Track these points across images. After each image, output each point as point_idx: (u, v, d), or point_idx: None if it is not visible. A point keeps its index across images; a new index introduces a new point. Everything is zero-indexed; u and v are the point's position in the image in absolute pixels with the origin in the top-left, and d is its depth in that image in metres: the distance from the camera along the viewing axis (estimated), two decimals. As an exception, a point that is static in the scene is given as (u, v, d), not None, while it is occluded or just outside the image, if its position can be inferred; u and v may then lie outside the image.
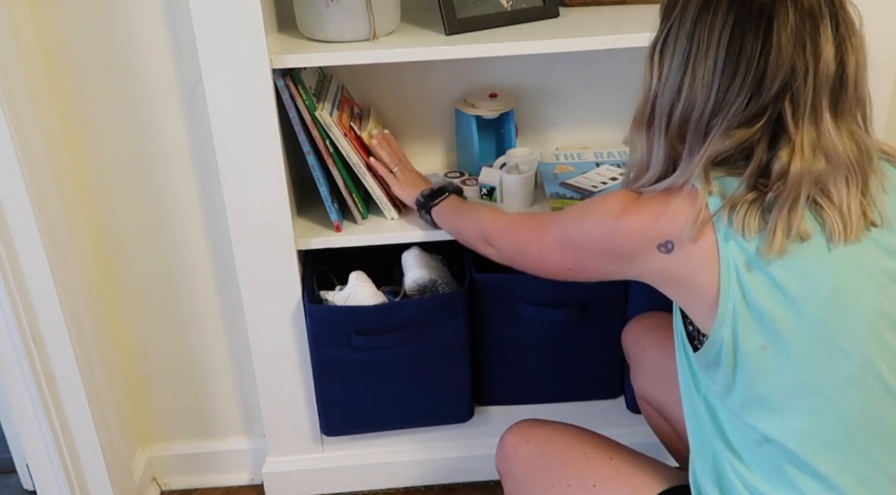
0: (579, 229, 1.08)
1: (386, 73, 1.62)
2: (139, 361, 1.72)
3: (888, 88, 1.42)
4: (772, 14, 0.90)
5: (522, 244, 1.20)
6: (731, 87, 0.92)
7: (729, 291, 0.93)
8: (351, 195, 1.49)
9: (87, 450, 1.58)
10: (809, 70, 0.90)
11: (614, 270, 1.06)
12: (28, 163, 1.34)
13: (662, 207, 0.97)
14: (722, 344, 0.95)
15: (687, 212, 0.94)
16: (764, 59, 0.90)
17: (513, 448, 1.25)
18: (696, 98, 0.94)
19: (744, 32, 0.91)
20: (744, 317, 0.93)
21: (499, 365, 1.64)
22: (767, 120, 0.92)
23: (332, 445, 1.73)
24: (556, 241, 1.11)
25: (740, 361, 0.95)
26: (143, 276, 1.63)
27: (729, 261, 0.92)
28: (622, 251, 1.02)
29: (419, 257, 1.57)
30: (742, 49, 0.91)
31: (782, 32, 0.90)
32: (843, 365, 0.93)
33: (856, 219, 0.93)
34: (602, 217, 1.04)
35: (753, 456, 0.98)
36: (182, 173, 1.54)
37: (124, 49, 1.43)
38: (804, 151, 0.91)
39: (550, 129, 1.72)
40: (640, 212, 0.99)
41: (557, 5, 1.50)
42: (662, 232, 0.96)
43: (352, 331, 1.51)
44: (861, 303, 0.93)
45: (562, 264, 1.12)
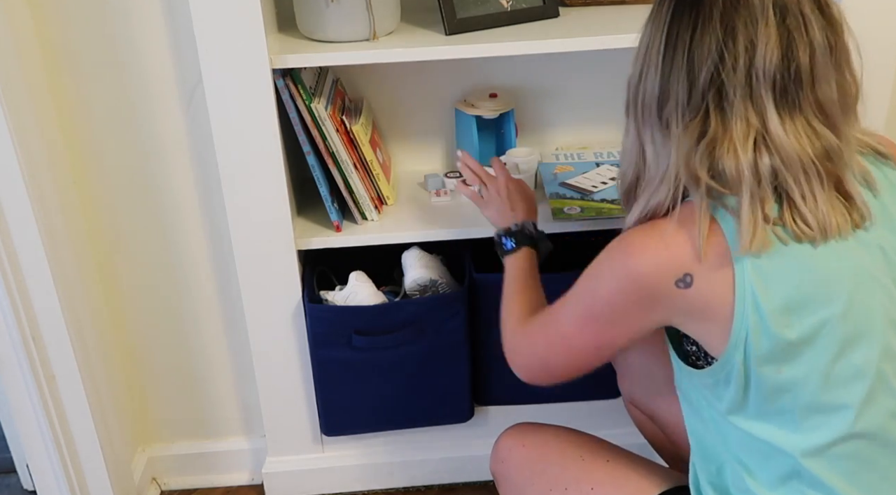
0: (593, 297, 1.00)
1: (386, 72, 1.62)
2: (139, 361, 1.72)
3: (888, 88, 1.42)
4: (701, 5, 0.90)
5: (542, 351, 1.10)
6: (671, 74, 0.92)
7: (744, 315, 0.89)
8: (351, 195, 1.49)
9: (87, 450, 1.58)
10: (741, 61, 0.88)
11: (646, 323, 0.98)
12: (28, 163, 1.34)
13: (664, 234, 0.93)
14: (734, 366, 0.92)
15: (690, 232, 0.91)
16: (692, 46, 0.90)
17: (508, 451, 1.25)
18: (648, 82, 0.95)
19: (679, 21, 0.92)
20: (756, 343, 0.90)
21: (499, 365, 1.62)
22: (705, 110, 0.91)
23: (332, 445, 1.73)
24: (579, 327, 1.02)
25: (753, 382, 0.92)
26: (143, 276, 1.63)
27: (745, 284, 0.89)
28: (643, 298, 0.94)
29: (419, 257, 1.57)
30: (678, 36, 0.92)
31: (708, 23, 0.89)
32: (858, 382, 0.92)
33: (828, 214, 0.90)
34: (610, 269, 0.97)
35: (761, 467, 0.97)
36: (182, 173, 1.54)
37: (124, 49, 1.43)
38: (736, 145, 0.89)
39: (550, 129, 1.72)
40: (644, 250, 0.93)
41: (557, 5, 1.50)
42: (675, 264, 0.91)
43: (352, 330, 1.51)
44: (873, 316, 0.91)
45: (592, 348, 1.03)
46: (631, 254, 0.94)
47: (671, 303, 0.93)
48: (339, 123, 1.45)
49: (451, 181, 1.60)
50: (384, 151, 1.66)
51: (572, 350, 1.05)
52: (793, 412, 0.93)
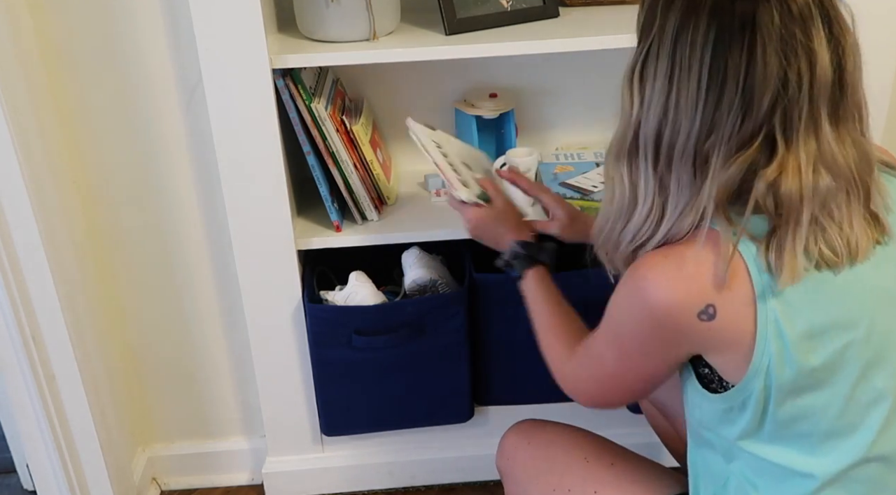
0: (619, 332, 0.96)
1: (386, 72, 1.62)
2: (139, 361, 1.72)
3: (888, 88, 1.42)
4: (755, 23, 0.82)
5: (596, 389, 1.06)
6: (719, 105, 0.84)
7: (766, 344, 0.86)
8: (351, 195, 1.49)
9: (87, 450, 1.58)
10: (804, 78, 0.82)
11: (680, 354, 0.94)
12: (28, 163, 1.34)
13: (681, 261, 0.87)
14: (752, 393, 0.89)
15: (712, 260, 0.85)
16: (751, 72, 0.82)
17: (514, 449, 1.24)
18: (681, 121, 0.86)
19: (727, 46, 0.83)
20: (779, 370, 0.87)
21: (499, 365, 1.64)
22: (764, 137, 0.84)
23: (332, 445, 1.73)
24: (619, 364, 0.98)
25: (771, 408, 0.90)
26: (143, 276, 1.63)
27: (767, 311, 0.86)
28: (668, 331, 0.90)
29: (419, 257, 1.57)
30: (727, 64, 0.83)
31: (768, 42, 0.82)
32: (878, 405, 0.91)
33: (860, 237, 0.87)
34: (629, 305, 0.92)
35: (771, 489, 0.96)
36: (182, 173, 1.54)
37: (124, 49, 1.43)
38: (801, 168, 0.83)
39: (550, 129, 1.72)
40: (659, 275, 0.88)
41: (557, 5, 1.50)
42: (698, 296, 0.86)
43: (352, 331, 1.51)
44: (893, 338, 0.90)
45: (638, 381, 1.00)
46: (647, 289, 0.88)
47: (696, 336, 0.89)
48: (339, 123, 1.45)
49: (451, 181, 1.60)
50: (384, 151, 1.66)
51: (624, 386, 1.02)
52: (811, 436, 0.92)
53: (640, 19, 0.91)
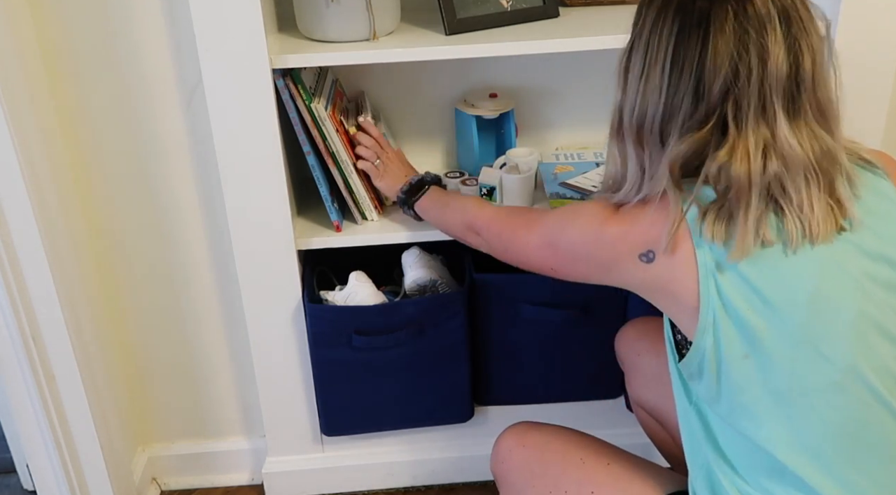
0: (562, 234, 1.09)
1: (386, 72, 1.62)
2: (139, 361, 1.72)
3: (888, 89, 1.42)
4: (709, 19, 0.92)
5: (507, 238, 1.20)
6: (677, 92, 0.94)
7: (709, 300, 0.93)
8: (351, 195, 1.49)
9: (87, 450, 1.58)
10: (754, 72, 0.91)
11: (596, 277, 1.07)
12: (28, 163, 1.34)
13: (640, 216, 0.98)
14: (704, 353, 0.95)
15: (663, 219, 0.95)
16: (702, 63, 0.92)
17: (508, 452, 1.25)
18: (649, 103, 0.96)
19: (687, 38, 0.93)
20: (724, 325, 0.93)
21: (499, 365, 1.64)
22: (715, 123, 0.93)
23: (332, 445, 1.73)
24: (540, 243, 1.12)
25: (723, 370, 0.95)
26: (143, 276, 1.63)
27: (707, 270, 0.93)
28: (603, 260, 1.03)
29: (419, 257, 1.57)
30: (685, 55, 0.93)
31: (719, 37, 0.91)
32: (826, 371, 0.92)
33: (821, 220, 0.92)
34: (585, 226, 1.04)
35: (744, 463, 0.98)
36: (182, 173, 1.54)
37: (124, 49, 1.43)
38: (749, 154, 0.92)
39: (550, 129, 1.72)
40: (622, 222, 1.00)
41: (557, 5, 1.50)
42: (642, 241, 0.97)
43: (352, 331, 1.51)
44: (843, 307, 0.92)
45: (544, 264, 1.13)
46: (609, 223, 1.01)
47: (631, 273, 1.00)
48: (338, 123, 1.45)
49: (451, 181, 1.60)
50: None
51: (529, 256, 1.16)
52: (763, 402, 0.94)
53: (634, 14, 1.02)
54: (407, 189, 1.43)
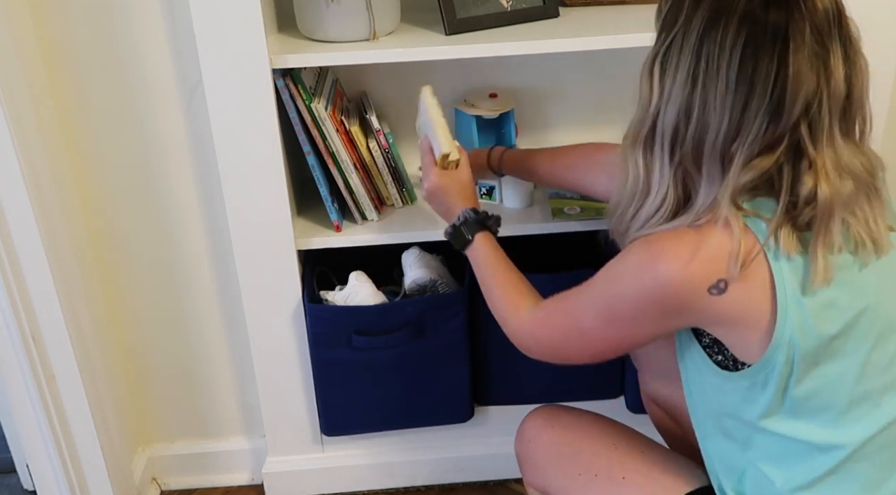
0: (617, 299, 0.97)
1: (386, 72, 1.62)
2: (139, 361, 1.72)
3: (888, 89, 1.42)
4: (787, 35, 0.86)
5: (559, 341, 1.09)
6: (746, 109, 0.88)
7: (787, 317, 0.89)
8: (351, 195, 1.49)
9: (87, 450, 1.58)
10: (824, 92, 0.87)
11: (671, 326, 0.99)
12: (28, 163, 1.34)
13: (699, 243, 0.90)
14: (775, 366, 0.92)
15: (728, 243, 0.89)
16: (782, 81, 0.86)
17: (536, 431, 1.23)
18: (710, 119, 0.89)
19: (757, 52, 0.87)
20: (802, 341, 0.90)
21: (499, 365, 1.64)
22: (788, 144, 0.89)
23: (332, 445, 1.73)
24: (600, 324, 1.01)
25: (792, 384, 0.93)
26: (143, 276, 1.63)
27: (785, 286, 0.89)
28: (671, 305, 0.93)
29: (419, 257, 1.57)
30: (756, 69, 0.87)
31: (800, 54, 0.86)
32: (892, 370, 0.94)
33: (883, 234, 0.93)
34: (636, 274, 0.94)
35: (791, 469, 0.97)
36: (182, 173, 1.54)
37: (124, 49, 1.43)
38: (829, 174, 0.88)
39: (550, 129, 1.72)
40: (676, 257, 0.90)
41: (557, 5, 1.50)
42: (708, 272, 0.89)
43: (352, 331, 1.51)
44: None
45: (611, 344, 1.03)
46: (661, 261, 0.91)
47: (702, 310, 0.92)
48: (338, 123, 1.45)
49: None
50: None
51: (590, 344, 1.04)
52: (832, 408, 0.94)
53: (662, 10, 0.94)
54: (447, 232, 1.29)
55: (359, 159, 1.49)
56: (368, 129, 1.50)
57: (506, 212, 1.54)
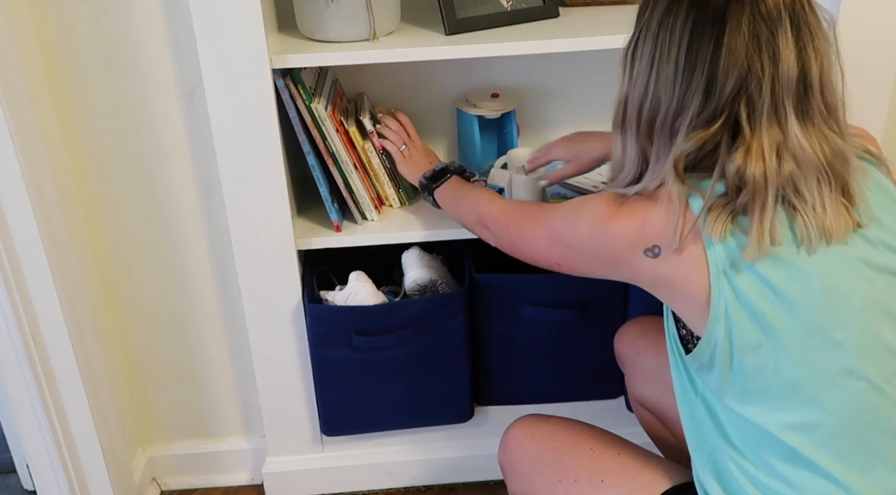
0: (569, 229, 1.08)
1: (386, 72, 1.62)
2: (139, 361, 1.72)
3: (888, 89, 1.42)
4: (725, 18, 0.92)
5: (515, 233, 1.20)
6: (689, 88, 0.94)
7: (720, 292, 0.93)
8: (351, 195, 1.49)
9: (87, 450, 1.58)
10: (766, 73, 0.92)
11: (602, 272, 1.07)
12: (28, 163, 1.34)
13: (649, 210, 0.98)
14: (716, 344, 0.95)
15: (671, 215, 0.95)
16: (715, 61, 0.92)
17: (518, 442, 1.25)
18: (661, 98, 0.97)
19: (700, 35, 0.93)
20: (736, 316, 0.93)
21: (499, 365, 1.64)
22: (724, 121, 0.94)
23: (332, 445, 1.73)
24: (546, 237, 1.12)
25: (736, 360, 0.95)
26: (143, 276, 1.63)
27: (717, 263, 0.93)
28: (609, 255, 1.02)
29: (419, 257, 1.57)
30: (698, 51, 0.93)
31: (735, 36, 0.92)
32: (839, 357, 0.93)
33: (834, 220, 0.93)
34: (591, 219, 1.04)
35: (754, 449, 0.99)
36: (182, 173, 1.54)
37: (124, 49, 1.43)
38: (764, 154, 0.92)
39: (551, 129, 1.72)
40: (628, 217, 1.00)
41: (557, 5, 1.50)
42: (649, 236, 0.97)
43: (352, 331, 1.51)
44: (851, 294, 0.94)
45: (550, 258, 1.13)
46: (616, 217, 1.00)
47: (637, 269, 1.00)
48: (338, 123, 1.45)
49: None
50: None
51: (534, 250, 1.15)
52: (776, 389, 0.95)
53: (639, 7, 1.02)
54: (430, 175, 1.44)
55: (358, 159, 1.49)
56: (364, 131, 1.50)
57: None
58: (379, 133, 1.51)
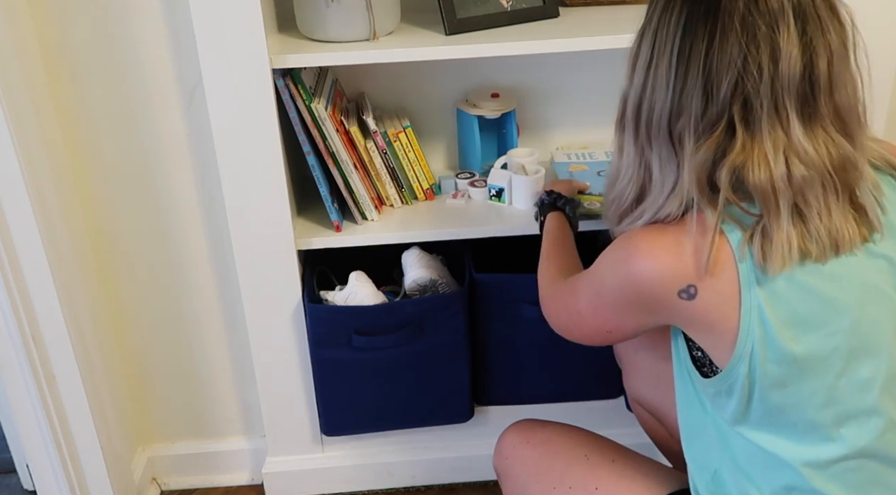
0: (600, 284, 1.00)
1: (386, 72, 1.62)
2: (139, 361, 1.72)
3: (888, 89, 1.42)
4: (718, 11, 0.86)
5: (565, 318, 1.12)
6: (685, 88, 0.88)
7: (749, 329, 0.89)
8: (351, 195, 1.49)
9: (87, 450, 1.58)
10: (765, 71, 0.85)
11: (652, 321, 0.98)
12: (28, 163, 1.34)
13: (673, 245, 0.91)
14: (738, 378, 0.91)
15: (701, 249, 0.88)
16: (711, 57, 0.86)
17: (512, 448, 1.24)
18: (657, 98, 0.91)
19: (694, 31, 0.87)
20: (762, 356, 0.89)
21: (499, 365, 1.64)
22: (727, 123, 0.88)
23: (332, 445, 1.73)
24: (588, 304, 1.04)
25: (756, 395, 0.92)
26: (143, 276, 1.63)
27: (751, 298, 0.88)
28: (645, 301, 0.94)
29: (419, 257, 1.57)
30: (692, 48, 0.87)
31: (729, 30, 0.85)
32: (863, 397, 0.91)
33: (840, 229, 0.88)
34: (614, 267, 0.97)
35: (762, 475, 0.97)
36: (182, 173, 1.54)
37: (124, 49, 1.43)
38: (768, 158, 0.86)
39: (552, 129, 1.72)
40: (652, 256, 0.91)
41: (557, 5, 1.50)
42: (679, 276, 0.89)
43: (352, 331, 1.51)
44: (880, 330, 0.90)
45: (602, 328, 1.04)
46: (636, 258, 0.92)
47: (673, 312, 0.93)
48: (338, 123, 1.45)
49: (462, 182, 1.61)
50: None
51: (585, 326, 1.07)
52: (797, 425, 0.93)
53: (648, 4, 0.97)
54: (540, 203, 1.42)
55: (359, 159, 1.49)
56: (366, 130, 1.50)
57: (514, 214, 1.54)
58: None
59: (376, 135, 1.50)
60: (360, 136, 1.49)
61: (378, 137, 1.50)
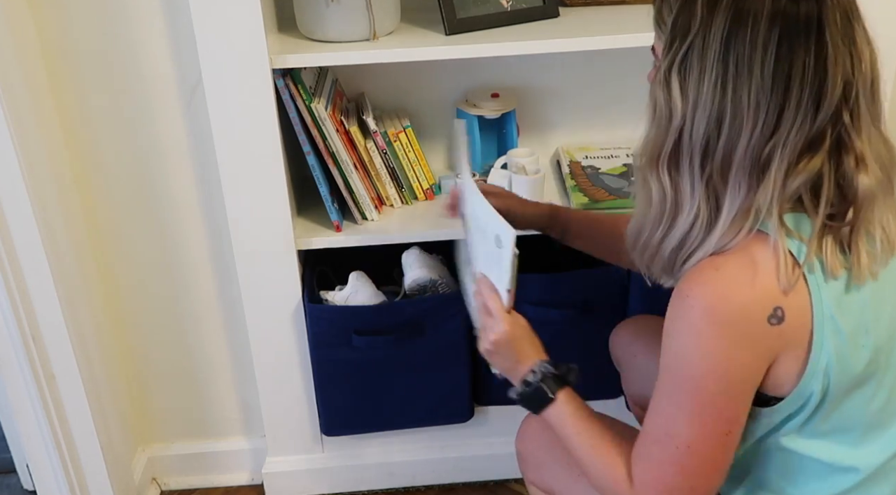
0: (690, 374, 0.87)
1: (386, 72, 1.62)
2: (139, 361, 1.72)
3: (888, 89, 1.42)
4: (821, 19, 0.81)
5: (681, 479, 0.91)
6: (784, 110, 0.81)
7: (823, 344, 0.85)
8: (351, 195, 1.49)
9: (87, 450, 1.58)
10: (859, 78, 0.82)
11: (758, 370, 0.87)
12: (28, 163, 1.34)
13: (748, 272, 0.83)
14: (811, 396, 0.87)
15: (771, 263, 0.83)
16: (821, 71, 0.81)
17: (537, 430, 1.19)
18: (742, 125, 0.82)
19: (792, 47, 0.80)
20: (838, 369, 0.86)
21: (499, 365, 1.63)
22: (833, 140, 0.83)
23: (332, 445, 1.73)
24: (697, 422, 0.88)
25: (824, 409, 0.89)
26: (143, 276, 1.63)
27: (823, 311, 0.84)
28: (739, 340, 0.84)
29: (419, 257, 1.57)
30: (792, 64, 0.80)
31: (836, 37, 0.81)
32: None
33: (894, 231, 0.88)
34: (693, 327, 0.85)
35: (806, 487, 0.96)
36: (182, 173, 1.54)
37: (124, 49, 1.43)
38: (868, 164, 0.83)
39: (552, 129, 1.72)
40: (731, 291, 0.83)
41: (557, 5, 1.50)
42: (766, 298, 0.83)
43: (352, 331, 1.51)
44: None
45: (720, 431, 0.89)
46: (708, 302, 0.83)
47: (768, 344, 0.85)
48: (338, 123, 1.45)
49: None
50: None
51: (707, 455, 0.90)
52: (853, 430, 0.92)
53: (665, 17, 0.87)
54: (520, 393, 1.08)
55: (359, 159, 1.49)
56: (366, 130, 1.50)
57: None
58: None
59: (376, 135, 1.50)
60: (360, 136, 1.49)
61: (378, 137, 1.50)
